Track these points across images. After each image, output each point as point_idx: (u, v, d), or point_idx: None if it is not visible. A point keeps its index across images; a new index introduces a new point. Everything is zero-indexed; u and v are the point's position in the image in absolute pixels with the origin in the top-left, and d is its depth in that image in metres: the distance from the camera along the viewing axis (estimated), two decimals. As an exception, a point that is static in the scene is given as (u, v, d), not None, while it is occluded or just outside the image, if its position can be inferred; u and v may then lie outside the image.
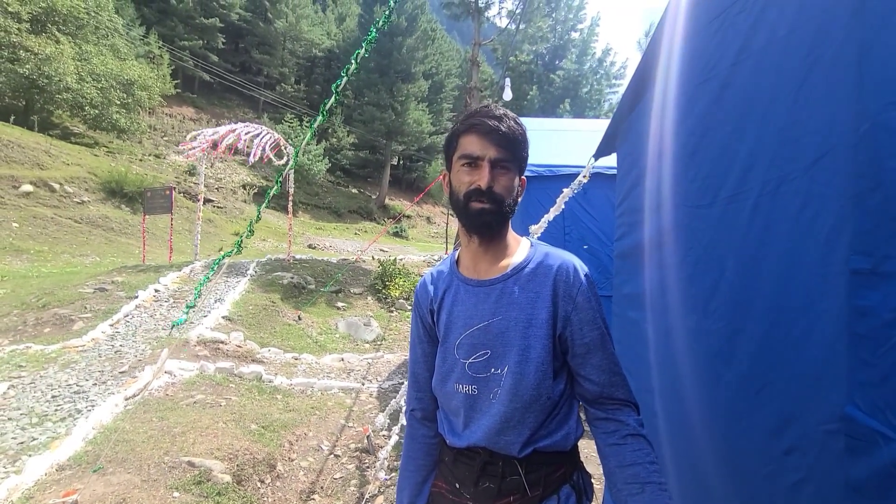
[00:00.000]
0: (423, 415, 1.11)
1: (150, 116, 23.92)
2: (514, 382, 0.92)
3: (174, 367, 4.20)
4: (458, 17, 10.92)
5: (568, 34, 22.46)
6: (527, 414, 0.92)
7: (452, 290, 1.02)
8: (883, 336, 0.85)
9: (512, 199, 0.96)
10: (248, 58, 31.24)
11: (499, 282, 0.97)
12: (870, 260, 0.89)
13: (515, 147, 0.95)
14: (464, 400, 0.97)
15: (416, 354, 1.11)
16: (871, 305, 0.88)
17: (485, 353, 0.95)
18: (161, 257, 10.48)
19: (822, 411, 0.98)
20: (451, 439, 1.01)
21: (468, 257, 1.02)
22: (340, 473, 3.06)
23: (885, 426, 0.84)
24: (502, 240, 1.00)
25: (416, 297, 1.10)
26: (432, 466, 1.09)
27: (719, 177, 1.36)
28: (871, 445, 0.86)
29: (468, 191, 0.93)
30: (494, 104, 0.98)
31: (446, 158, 1.02)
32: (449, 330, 1.00)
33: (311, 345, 6.03)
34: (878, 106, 0.87)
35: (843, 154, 0.96)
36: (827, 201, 1.01)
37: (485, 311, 0.96)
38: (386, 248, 17.07)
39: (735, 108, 1.31)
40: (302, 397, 4.26)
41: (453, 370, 0.99)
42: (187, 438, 2.96)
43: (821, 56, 1.03)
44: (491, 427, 0.93)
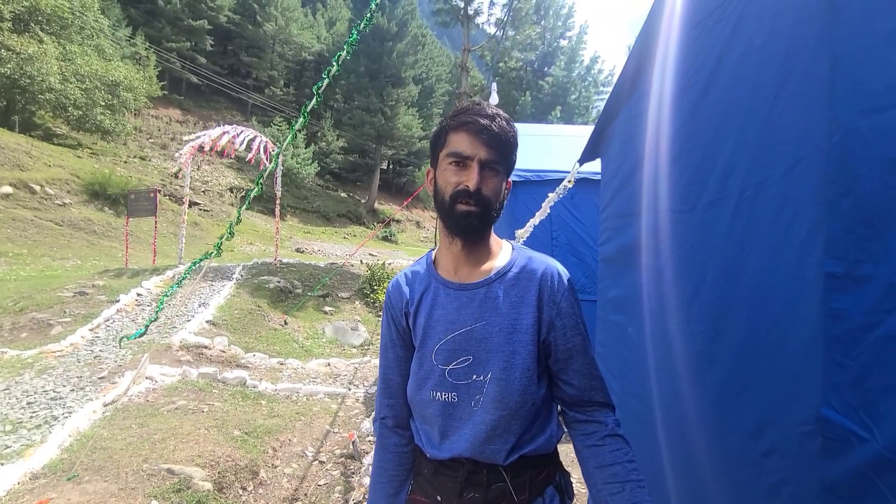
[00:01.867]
0: (396, 423, 1.05)
1: (135, 118, 23.59)
2: (498, 389, 0.90)
3: (155, 372, 4.12)
4: (447, 24, 10.98)
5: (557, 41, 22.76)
6: (513, 421, 0.91)
7: (431, 292, 0.98)
8: (856, 339, 0.87)
9: (499, 203, 0.94)
10: (237, 60, 31.01)
11: (482, 286, 0.94)
12: (843, 264, 0.91)
13: (506, 149, 0.92)
14: (441, 408, 0.94)
15: (387, 359, 1.05)
16: (844, 308, 0.90)
17: (466, 359, 0.92)
18: (145, 261, 10.30)
19: (799, 413, 0.99)
20: (431, 451, 0.97)
21: (448, 259, 0.99)
22: (325, 480, 3.02)
23: (860, 426, 0.85)
24: (485, 243, 0.98)
25: (389, 298, 1.05)
26: (405, 477, 1.04)
27: (700, 182, 1.38)
28: (846, 446, 0.87)
29: (455, 192, 0.90)
30: (486, 102, 0.95)
31: (432, 155, 0.98)
32: (427, 334, 0.96)
33: (297, 350, 5.96)
34: (849, 114, 0.89)
35: (816, 161, 0.99)
36: (802, 207, 1.03)
37: (467, 315, 0.93)
38: (375, 253, 17.00)
39: (715, 115, 1.34)
40: (287, 403, 4.20)
41: (430, 377, 0.95)
42: (167, 445, 2.90)
43: (796, 65, 1.05)
44: (476, 436, 0.91)
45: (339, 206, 27.58)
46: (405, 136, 28.62)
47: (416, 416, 1.02)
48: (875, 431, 0.83)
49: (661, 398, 1.60)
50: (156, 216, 9.63)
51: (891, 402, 0.80)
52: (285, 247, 16.98)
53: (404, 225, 29.22)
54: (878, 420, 0.82)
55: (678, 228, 1.47)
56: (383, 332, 1.06)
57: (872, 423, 0.83)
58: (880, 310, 0.83)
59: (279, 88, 31.34)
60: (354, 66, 26.82)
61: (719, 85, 1.32)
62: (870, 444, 0.83)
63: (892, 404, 0.80)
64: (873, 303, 0.84)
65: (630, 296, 1.89)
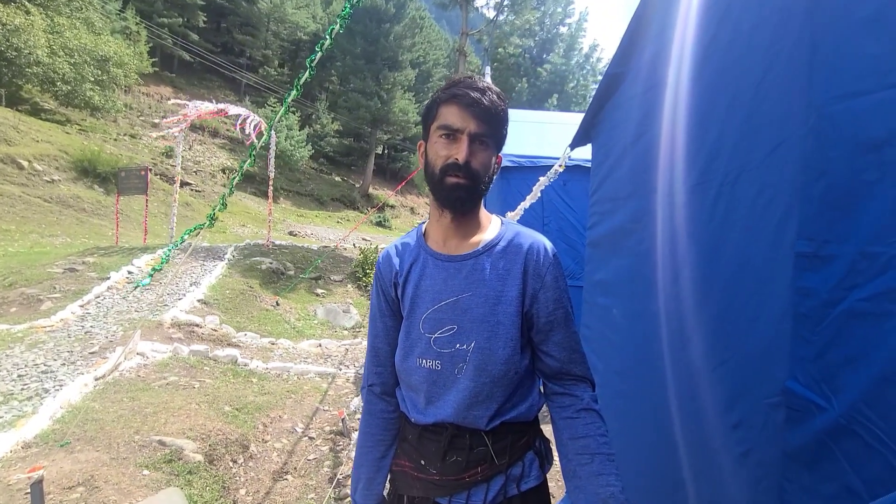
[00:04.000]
0: (383, 389, 1.08)
1: (125, 95, 23.09)
2: (482, 358, 0.93)
3: (147, 348, 4.13)
4: (446, 6, 10.83)
5: (556, 28, 22.51)
6: (495, 388, 0.93)
7: (420, 263, 1.00)
8: (821, 315, 0.92)
9: (488, 177, 0.95)
10: (231, 38, 30.35)
11: (470, 258, 0.96)
12: (812, 244, 0.95)
13: (496, 122, 0.93)
14: (427, 375, 0.96)
15: (376, 328, 1.07)
16: (812, 286, 0.95)
17: (451, 328, 0.94)
18: (135, 239, 10.21)
19: (767, 386, 1.05)
20: (416, 416, 0.99)
21: (438, 232, 1.00)
22: (314, 455, 3.08)
23: (820, 397, 0.91)
24: (474, 216, 1.00)
25: (378, 269, 1.06)
26: (391, 442, 1.07)
27: (686, 166, 1.41)
28: (807, 415, 0.93)
29: (445, 164, 0.91)
30: (478, 76, 0.96)
31: (424, 127, 0.99)
32: (415, 304, 0.98)
33: (288, 330, 5.99)
34: (824, 99, 0.93)
35: (794, 145, 1.02)
36: (779, 190, 1.07)
37: (454, 286, 0.95)
38: (368, 238, 16.97)
39: (703, 100, 1.37)
40: (278, 381, 4.25)
41: (417, 345, 0.98)
42: (159, 418, 2.94)
43: (779, 52, 1.08)
44: (460, 402, 0.93)
45: (332, 189, 27.39)
46: (401, 121, 28.34)
47: (403, 383, 1.04)
48: (833, 401, 0.88)
49: (643, 376, 1.66)
50: (147, 194, 9.53)
51: (848, 373, 0.86)
52: (278, 229, 16.89)
53: (398, 210, 29.13)
54: (836, 391, 0.88)
55: (664, 211, 1.51)
56: (372, 301, 1.08)
57: (832, 393, 0.89)
58: (843, 286, 0.87)
59: (273, 68, 30.79)
60: (350, 47, 26.37)
61: (708, 69, 1.35)
62: (828, 413, 0.88)
63: (848, 376, 0.85)
64: (837, 280, 0.89)
65: (616, 278, 1.94)
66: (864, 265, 0.84)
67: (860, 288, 0.84)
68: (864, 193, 0.84)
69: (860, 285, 0.84)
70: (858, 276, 0.85)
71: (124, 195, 9.84)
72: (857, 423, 0.83)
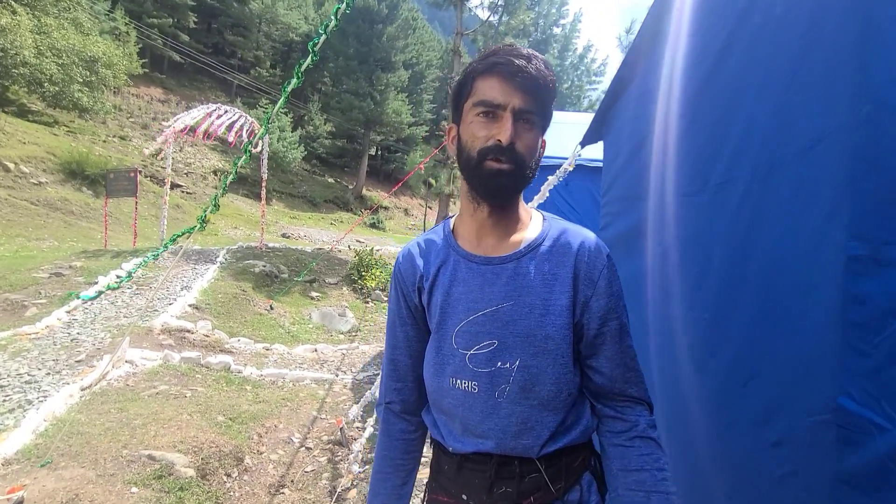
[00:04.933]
0: (403, 408, 0.95)
1: (115, 96, 22.78)
2: (528, 378, 0.80)
3: (136, 356, 4.00)
4: (440, 5, 10.74)
5: (550, 29, 22.55)
6: (545, 414, 0.81)
7: (450, 266, 0.86)
8: (879, 324, 0.83)
9: (534, 162, 0.81)
10: (221, 39, 30.08)
11: (510, 260, 0.83)
12: (867, 246, 0.86)
13: (544, 96, 0.78)
14: (462, 398, 0.83)
15: (395, 338, 0.94)
16: (867, 293, 0.85)
17: (490, 343, 0.81)
18: (125, 242, 10.01)
19: (813, 402, 0.96)
20: (454, 444, 0.86)
21: (471, 229, 0.86)
22: (312, 466, 2.96)
23: (880, 416, 0.81)
24: (515, 210, 0.86)
25: (399, 271, 0.92)
26: (412, 467, 0.96)
27: (708, 163, 1.32)
28: (865, 436, 0.84)
29: (484, 147, 0.77)
30: (520, 45, 0.81)
31: (455, 108, 0.85)
32: (446, 314, 0.84)
33: (283, 335, 5.87)
34: (881, 85, 0.84)
35: (840, 138, 0.93)
36: (821, 187, 0.98)
37: (494, 294, 0.81)
38: (362, 240, 16.83)
39: (725, 93, 1.28)
40: (273, 388, 4.13)
41: (449, 362, 0.84)
42: (148, 431, 2.81)
43: (820, 35, 0.99)
44: (503, 431, 0.81)
45: (326, 191, 27.20)
46: (394, 122, 28.22)
47: (434, 405, 0.91)
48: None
49: (661, 385, 1.56)
50: (136, 196, 9.34)
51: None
52: (271, 232, 16.71)
53: (392, 212, 29.00)
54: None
55: (683, 212, 1.42)
56: (391, 307, 0.95)
57: (894, 412, 0.80)
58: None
59: (265, 69, 30.55)
60: (343, 48, 26.24)
61: (731, 61, 1.26)
62: (891, 433, 0.79)
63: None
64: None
65: (629, 282, 1.85)
66: (933, 270, 0.75)
67: (928, 295, 0.75)
68: (931, 189, 0.76)
69: (928, 293, 0.75)
70: (925, 283, 0.76)
71: (113, 197, 9.65)
72: (927, 447, 0.74)
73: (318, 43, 1.09)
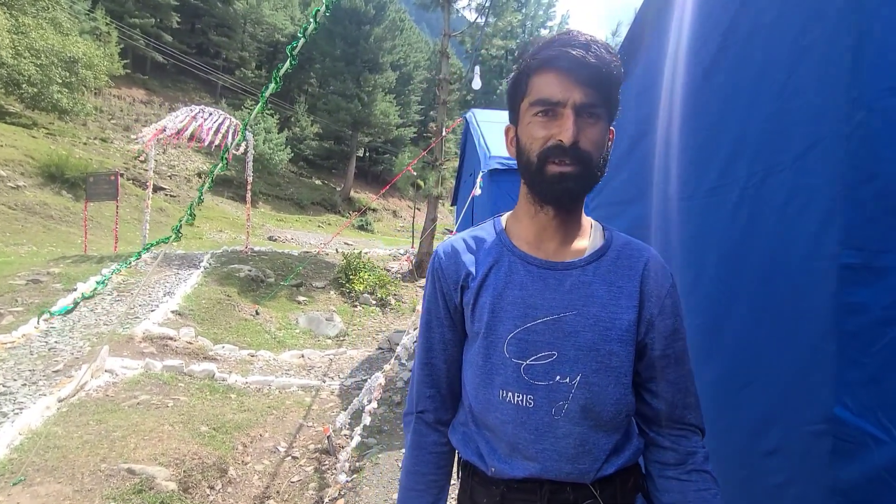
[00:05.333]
0: (436, 417, 0.87)
1: (95, 97, 22.30)
2: (589, 396, 0.74)
3: (116, 365, 3.88)
4: (427, 6, 10.71)
5: (538, 31, 22.69)
6: (601, 435, 0.76)
7: (504, 267, 0.79)
8: (875, 334, 0.82)
9: (602, 159, 0.74)
10: (206, 39, 29.66)
11: (574, 267, 0.77)
12: (861, 254, 0.85)
13: (608, 85, 0.71)
14: (513, 414, 0.75)
15: (430, 340, 0.86)
16: (862, 302, 0.84)
17: (549, 354, 0.74)
18: (106, 247, 9.78)
19: (808, 412, 0.94)
20: (499, 466, 0.77)
21: (530, 230, 0.80)
22: (298, 476, 2.90)
23: (877, 428, 0.80)
24: (579, 213, 0.80)
25: (440, 266, 0.84)
26: (444, 483, 0.87)
27: (701, 169, 1.31)
28: (861, 448, 0.82)
29: (544, 149, 0.71)
30: (577, 31, 0.74)
31: (511, 108, 0.80)
32: (497, 319, 0.77)
33: (269, 341, 5.77)
34: (875, 92, 0.83)
35: (833, 144, 0.92)
36: (815, 194, 0.97)
37: (555, 301, 0.75)
38: (351, 242, 16.71)
39: (719, 97, 1.27)
40: (258, 396, 4.04)
41: (498, 372, 0.77)
42: (128, 443, 2.72)
43: (813, 42, 0.98)
44: (561, 454, 0.74)
45: (313, 193, 26.97)
46: (382, 124, 28.10)
47: (476, 420, 0.82)
48: (895, 433, 0.78)
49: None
50: (117, 200, 9.13)
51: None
52: (257, 234, 16.50)
53: (381, 214, 28.86)
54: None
55: (676, 217, 1.41)
56: (428, 306, 0.87)
57: (892, 424, 0.78)
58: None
59: (251, 70, 30.20)
60: (330, 49, 26.07)
61: (724, 63, 1.25)
62: (889, 446, 0.78)
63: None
64: (894, 296, 0.79)
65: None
66: (930, 279, 0.74)
67: (925, 305, 0.74)
68: (926, 198, 0.74)
69: (925, 302, 0.74)
70: (922, 292, 0.75)
71: (93, 201, 9.43)
72: (927, 460, 0.72)
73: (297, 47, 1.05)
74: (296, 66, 1.06)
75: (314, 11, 1.03)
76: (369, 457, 3.02)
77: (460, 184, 6.38)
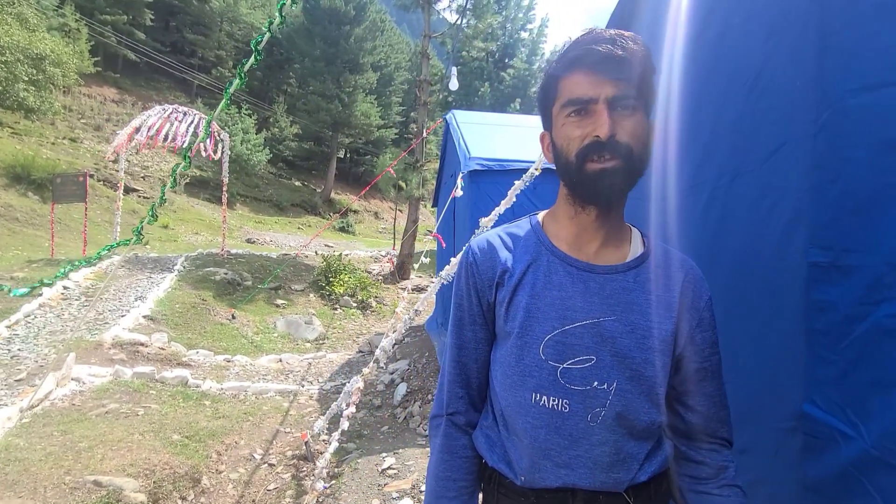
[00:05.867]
0: (467, 420, 0.84)
1: (64, 96, 21.53)
2: (625, 404, 0.73)
3: (83, 373, 3.73)
4: (407, 7, 10.68)
5: (518, 33, 22.83)
6: (635, 444, 0.75)
7: (542, 266, 0.77)
8: (842, 332, 0.83)
9: (645, 149, 0.72)
10: (181, 37, 28.98)
11: (616, 272, 0.75)
12: (828, 253, 0.86)
13: (640, 74, 0.69)
14: (547, 418, 0.73)
15: (462, 338, 0.83)
16: (829, 300, 0.85)
17: (588, 359, 0.72)
18: (74, 251, 9.43)
19: (779, 409, 0.95)
20: (527, 475, 0.75)
21: (569, 230, 0.78)
22: (275, 484, 2.83)
23: (845, 424, 0.81)
24: (620, 214, 0.79)
25: (474, 262, 0.81)
26: (475, 489, 0.84)
27: (675, 169, 1.32)
28: (830, 444, 0.83)
29: (582, 147, 0.69)
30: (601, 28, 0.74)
31: (543, 114, 0.79)
32: (533, 319, 0.74)
33: (245, 345, 5.64)
34: (838, 93, 0.84)
35: (801, 145, 0.94)
36: (784, 194, 0.98)
37: (595, 305, 0.73)
38: (331, 244, 16.52)
39: (691, 99, 1.28)
40: (234, 402, 3.94)
41: (532, 374, 0.74)
42: (94, 454, 2.62)
43: (779, 44, 1.00)
44: (596, 462, 0.72)
45: (293, 195, 26.58)
46: (363, 125, 27.88)
47: (504, 423, 0.79)
48: (862, 429, 0.78)
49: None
50: (86, 202, 8.82)
51: (879, 398, 0.76)
52: (235, 237, 16.17)
53: (362, 215, 28.63)
54: (865, 417, 0.78)
55: (651, 217, 1.42)
56: (461, 304, 0.83)
57: (859, 420, 0.79)
58: (868, 301, 0.78)
59: (227, 69, 29.60)
60: (309, 49, 25.76)
61: (697, 65, 1.26)
62: (856, 442, 0.79)
63: (880, 400, 0.76)
64: (860, 293, 0.80)
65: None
66: (893, 277, 0.75)
67: (889, 302, 0.75)
68: (888, 197, 0.76)
69: (889, 299, 0.75)
70: (886, 290, 0.76)
71: (60, 203, 9.08)
72: (892, 454, 0.73)
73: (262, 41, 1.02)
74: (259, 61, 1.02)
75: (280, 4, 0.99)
76: (348, 462, 2.97)
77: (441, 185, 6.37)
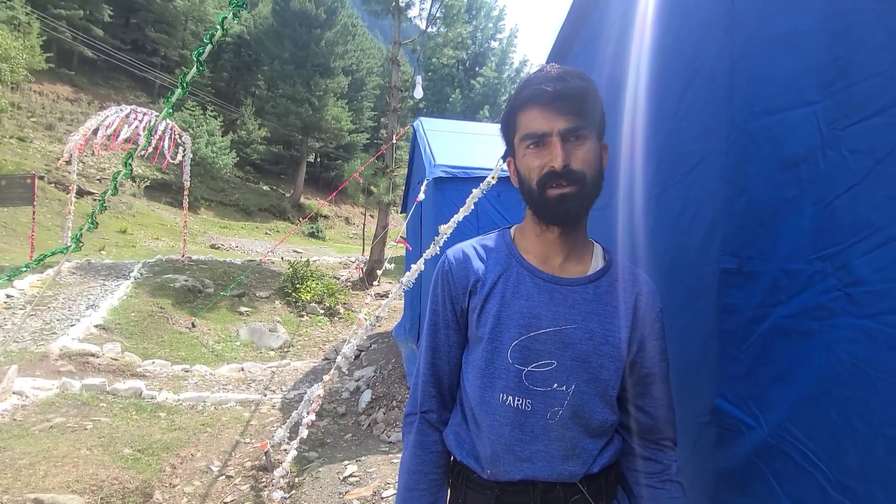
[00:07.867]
0: (439, 417, 0.91)
1: (12, 93, 20.39)
2: (580, 404, 0.81)
3: (26, 386, 3.54)
4: (378, 13, 10.70)
5: (488, 42, 23.20)
6: (590, 440, 0.83)
7: (512, 277, 0.84)
8: (747, 332, 0.91)
9: (597, 173, 0.80)
10: (142, 35, 27.92)
11: (577, 284, 0.83)
12: (735, 260, 0.94)
13: (588, 107, 0.78)
14: (512, 416, 0.81)
15: (436, 341, 0.90)
16: (736, 303, 0.93)
17: (549, 363, 0.80)
18: (20, 257, 8.91)
19: (698, 405, 1.03)
20: (492, 469, 0.82)
21: (538, 246, 0.86)
22: (232, 496, 2.77)
23: (749, 416, 0.89)
24: (583, 230, 0.87)
25: (450, 271, 0.88)
26: (443, 482, 0.91)
27: (614, 179, 1.40)
28: (737, 435, 0.91)
29: (541, 176, 0.78)
30: (550, 65, 0.82)
31: (507, 143, 0.87)
32: (502, 325, 0.82)
33: (205, 355, 5.48)
34: (744, 116, 0.93)
35: (716, 161, 1.02)
36: (703, 205, 1.07)
37: (559, 314, 0.81)
38: (300, 249, 16.22)
39: (630, 113, 1.36)
40: (191, 413, 3.82)
41: (501, 376, 0.82)
42: (36, 471, 2.49)
43: (700, 66, 1.08)
44: (553, 455, 0.80)
45: (260, 199, 25.95)
46: (334, 129, 27.57)
47: (473, 421, 0.86)
48: (762, 420, 0.86)
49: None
50: (33, 205, 8.37)
51: (776, 392, 0.84)
52: (198, 242, 15.65)
53: (332, 221, 28.25)
54: (764, 410, 0.86)
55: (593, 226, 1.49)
56: (436, 309, 0.90)
57: (760, 412, 0.87)
58: (766, 304, 0.86)
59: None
60: (279, 52, 25.35)
61: (638, 82, 1.34)
62: (757, 432, 0.86)
63: (776, 395, 0.84)
64: (761, 297, 0.88)
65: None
66: (786, 282, 0.83)
67: (783, 305, 0.83)
68: (784, 210, 0.84)
69: (783, 302, 0.83)
70: (781, 293, 0.84)
71: (5, 206, 8.59)
72: (786, 443, 0.81)
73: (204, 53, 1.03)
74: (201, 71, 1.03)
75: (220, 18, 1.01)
76: (310, 471, 2.93)
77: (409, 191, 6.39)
